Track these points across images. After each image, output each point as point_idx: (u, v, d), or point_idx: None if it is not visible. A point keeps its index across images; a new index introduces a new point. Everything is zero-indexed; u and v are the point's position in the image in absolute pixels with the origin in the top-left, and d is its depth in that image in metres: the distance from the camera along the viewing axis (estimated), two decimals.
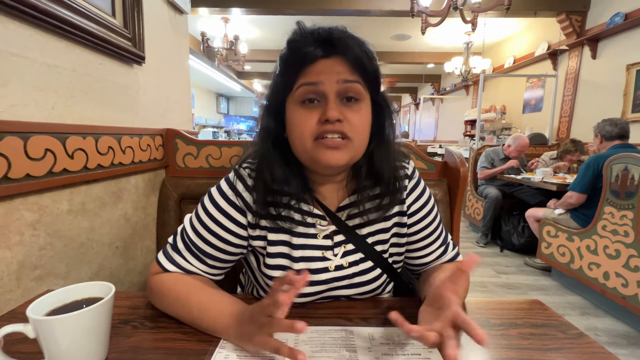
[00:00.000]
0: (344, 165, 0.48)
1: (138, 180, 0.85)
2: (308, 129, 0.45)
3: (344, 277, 0.54)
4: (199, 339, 0.45)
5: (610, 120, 2.07)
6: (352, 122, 0.46)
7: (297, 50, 0.46)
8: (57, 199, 0.60)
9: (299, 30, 0.47)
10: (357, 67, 0.46)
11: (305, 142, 0.46)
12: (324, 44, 0.45)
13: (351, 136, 0.46)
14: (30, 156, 0.53)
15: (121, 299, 0.54)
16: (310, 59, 0.45)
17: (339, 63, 0.45)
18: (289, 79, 0.47)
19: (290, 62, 0.47)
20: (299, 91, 0.46)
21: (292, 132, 0.48)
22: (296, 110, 0.47)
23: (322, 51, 0.45)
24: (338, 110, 0.45)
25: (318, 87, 0.45)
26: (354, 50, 0.45)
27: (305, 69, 0.45)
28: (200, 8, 3.38)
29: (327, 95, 0.45)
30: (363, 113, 0.47)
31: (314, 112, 0.46)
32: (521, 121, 4.46)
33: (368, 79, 0.47)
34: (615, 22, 2.88)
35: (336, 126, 0.45)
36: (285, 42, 0.48)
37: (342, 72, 0.45)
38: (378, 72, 0.48)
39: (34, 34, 0.54)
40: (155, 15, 0.93)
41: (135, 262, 0.85)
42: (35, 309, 0.36)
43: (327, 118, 0.44)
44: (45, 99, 0.57)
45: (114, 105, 0.76)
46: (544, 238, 2.24)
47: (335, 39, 0.45)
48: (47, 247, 0.58)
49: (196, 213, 0.54)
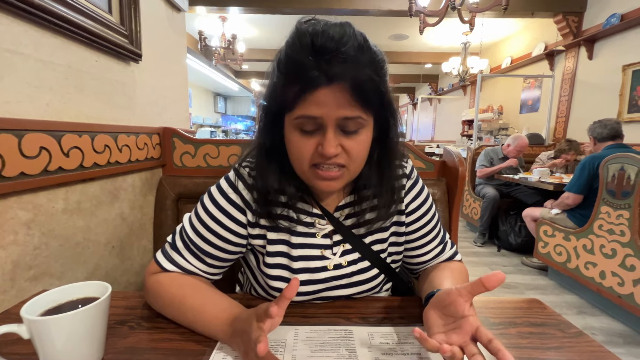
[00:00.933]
0: (339, 189, 0.49)
1: (135, 179, 0.84)
2: (305, 155, 0.44)
3: (343, 276, 0.53)
4: (197, 340, 0.44)
5: (600, 122, 2.08)
6: (349, 152, 0.44)
7: (298, 72, 0.40)
8: (52, 198, 0.59)
9: (300, 42, 0.40)
10: (360, 95, 0.41)
11: (302, 166, 0.46)
12: (327, 67, 0.39)
13: (347, 165, 0.45)
14: (25, 154, 0.52)
15: (117, 299, 0.53)
16: (311, 86, 0.40)
17: (341, 90, 0.40)
18: (288, 98, 0.42)
19: (290, 79, 0.42)
20: (297, 120, 0.43)
21: (289, 152, 0.47)
22: (293, 133, 0.44)
23: (326, 78, 0.39)
24: (336, 144, 0.43)
25: (317, 121, 0.42)
26: (359, 77, 0.40)
27: (306, 95, 0.41)
28: (197, 7, 3.36)
29: (325, 127, 0.42)
30: (362, 139, 0.45)
31: (311, 140, 0.43)
32: (518, 121, 4.48)
33: (371, 104, 0.43)
34: (612, 22, 2.89)
35: (332, 160, 0.44)
36: (285, 47, 0.43)
37: (344, 104, 0.41)
38: (385, 94, 0.44)
39: (28, 29, 0.54)
40: (153, 12, 0.92)
41: (131, 262, 0.84)
42: (29, 309, 0.35)
43: (323, 154, 0.42)
44: (40, 96, 0.56)
45: (111, 103, 0.75)
46: (541, 237, 2.25)
47: (340, 60, 0.39)
48: (42, 246, 0.57)
49: (196, 212, 0.53)
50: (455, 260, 0.60)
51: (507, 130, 4.53)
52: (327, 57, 0.39)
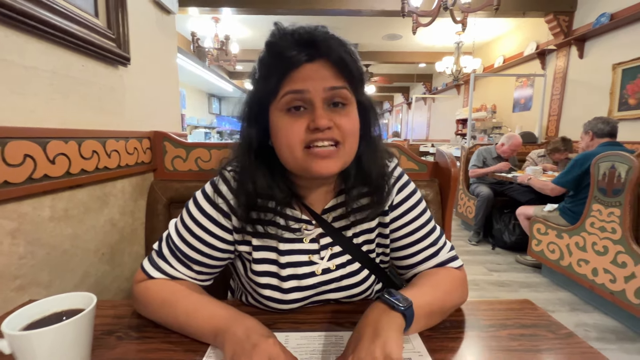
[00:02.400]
0: (336, 173, 0.47)
1: (125, 185, 0.83)
2: (297, 137, 0.44)
3: (332, 280, 0.53)
4: (186, 349, 0.43)
5: (602, 119, 2.14)
6: (342, 126, 0.44)
7: (279, 55, 0.43)
8: (37, 206, 0.58)
9: (278, 32, 0.44)
10: (342, 69, 0.44)
11: (295, 151, 0.44)
12: (307, 47, 0.42)
13: (342, 141, 0.45)
14: (8, 162, 0.51)
15: (105, 308, 0.52)
16: (294, 64, 0.42)
17: (324, 67, 0.43)
18: (272, 85, 0.44)
19: (273, 66, 0.44)
20: (285, 99, 0.43)
21: (278, 141, 0.46)
22: (282, 118, 0.44)
23: (306, 55, 0.42)
24: (327, 117, 0.43)
25: (305, 95, 0.43)
26: (338, 52, 0.43)
27: (290, 74, 0.43)
28: (190, 8, 3.34)
29: (314, 102, 0.43)
30: (352, 116, 0.46)
31: (301, 120, 0.44)
32: (511, 120, 4.52)
33: (353, 81, 0.46)
34: (601, 22, 2.93)
35: (326, 134, 0.43)
36: (264, 44, 0.45)
37: (328, 77, 0.43)
38: (362, 74, 0.47)
39: (10, 35, 0.52)
40: (141, 15, 0.91)
41: (122, 269, 0.83)
42: (10, 323, 0.35)
43: (316, 126, 0.42)
44: (24, 103, 0.55)
45: (98, 108, 0.74)
46: (534, 235, 2.27)
47: (318, 40, 0.42)
48: (28, 255, 0.56)
49: (181, 218, 0.53)
50: (450, 265, 0.55)
51: (500, 129, 4.57)
52: (306, 39, 0.43)
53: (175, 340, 0.45)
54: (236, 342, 0.39)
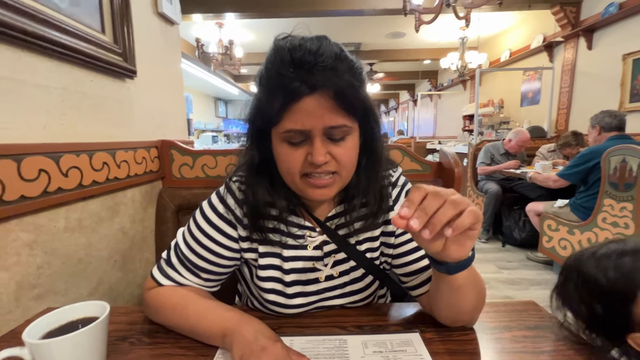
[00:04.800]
0: (332, 197, 0.48)
1: (135, 194, 0.86)
2: (295, 166, 0.45)
3: (335, 286, 0.54)
4: (197, 354, 0.45)
5: (609, 112, 2.10)
6: (338, 158, 0.45)
7: (280, 85, 0.42)
8: (53, 218, 0.60)
9: (279, 53, 0.43)
10: (343, 102, 0.42)
11: (294, 177, 0.46)
12: (307, 75, 0.40)
13: (339, 171, 0.46)
14: (24, 177, 0.53)
15: (119, 315, 0.55)
16: (295, 97, 0.41)
17: (325, 98, 0.41)
18: (273, 112, 0.43)
19: (274, 93, 0.43)
20: (285, 134, 0.44)
21: (279, 165, 0.47)
22: (282, 146, 0.45)
23: (307, 87, 0.40)
24: (324, 152, 0.44)
25: (304, 133, 0.43)
26: (339, 84, 0.41)
27: (290, 106, 0.42)
28: (194, 14, 3.39)
29: (312, 137, 0.43)
30: (349, 146, 0.46)
31: (299, 151, 0.44)
32: (519, 114, 4.45)
33: (355, 110, 0.44)
34: (610, 12, 2.86)
35: (323, 168, 0.45)
36: (265, 62, 0.45)
37: (328, 112, 0.42)
38: (367, 101, 0.45)
39: (23, 56, 0.55)
40: (146, 28, 0.93)
41: (134, 275, 0.86)
42: (31, 332, 0.37)
43: (313, 162, 0.43)
44: (36, 120, 0.58)
45: (107, 120, 0.76)
46: (545, 232, 2.23)
47: (320, 69, 0.40)
48: (45, 265, 0.59)
49: (188, 227, 0.54)
50: None
51: (508, 124, 4.50)
52: (306, 67, 0.41)
53: (187, 345, 0.47)
54: (245, 344, 0.40)
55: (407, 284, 0.56)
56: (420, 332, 0.49)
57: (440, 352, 0.44)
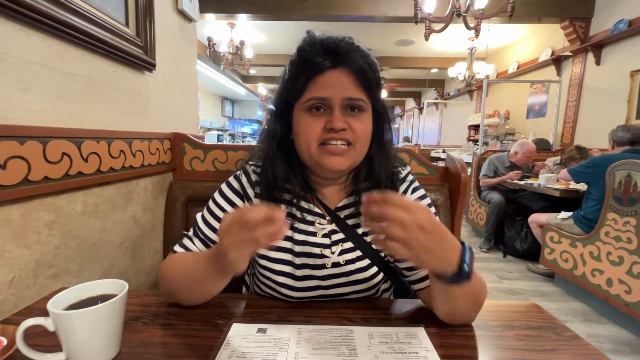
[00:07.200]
0: (345, 170, 0.52)
1: (147, 183, 0.88)
2: (314, 135, 0.50)
3: (341, 274, 0.56)
4: (207, 335, 0.47)
5: (623, 126, 2.11)
6: (355, 129, 0.50)
7: (307, 60, 0.49)
8: (72, 201, 0.62)
9: (309, 40, 0.51)
10: (361, 79, 0.49)
11: (311, 147, 0.50)
12: (331, 55, 0.48)
13: (354, 142, 0.51)
14: (49, 159, 0.55)
15: (132, 297, 0.56)
16: (319, 70, 0.49)
17: (345, 74, 0.49)
18: (298, 87, 0.50)
19: (300, 70, 0.50)
20: (308, 103, 0.50)
21: (298, 136, 0.52)
22: (303, 116, 0.51)
23: (330, 62, 0.48)
24: (343, 120, 0.49)
25: (325, 101, 0.49)
26: (359, 63, 0.49)
27: (315, 78, 0.49)
28: (207, 14, 3.44)
29: (333, 107, 0.49)
30: (365, 121, 0.51)
31: (320, 120, 0.50)
32: (525, 126, 4.46)
33: (371, 90, 0.51)
34: (619, 28, 2.88)
35: (340, 134, 0.49)
36: (296, 49, 0.52)
37: (348, 85, 0.49)
38: (380, 84, 0.52)
39: (54, 44, 0.58)
40: (166, 23, 0.96)
41: (143, 262, 0.88)
42: (55, 303, 0.38)
43: (332, 127, 0.48)
44: (63, 105, 0.60)
45: (126, 110, 0.79)
46: (547, 244, 2.23)
47: (342, 50, 0.48)
48: (62, 246, 0.61)
49: (207, 205, 0.59)
50: None
51: (513, 135, 4.51)
52: (332, 47, 0.49)
53: (197, 327, 0.48)
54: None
55: (409, 278, 0.59)
56: (425, 326, 0.50)
57: (444, 346, 0.45)
